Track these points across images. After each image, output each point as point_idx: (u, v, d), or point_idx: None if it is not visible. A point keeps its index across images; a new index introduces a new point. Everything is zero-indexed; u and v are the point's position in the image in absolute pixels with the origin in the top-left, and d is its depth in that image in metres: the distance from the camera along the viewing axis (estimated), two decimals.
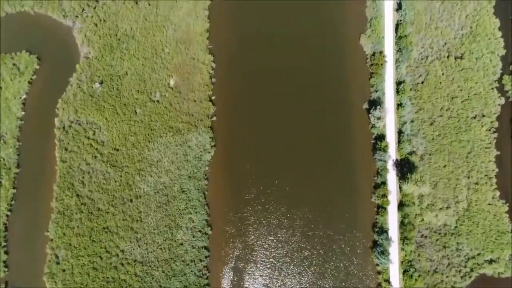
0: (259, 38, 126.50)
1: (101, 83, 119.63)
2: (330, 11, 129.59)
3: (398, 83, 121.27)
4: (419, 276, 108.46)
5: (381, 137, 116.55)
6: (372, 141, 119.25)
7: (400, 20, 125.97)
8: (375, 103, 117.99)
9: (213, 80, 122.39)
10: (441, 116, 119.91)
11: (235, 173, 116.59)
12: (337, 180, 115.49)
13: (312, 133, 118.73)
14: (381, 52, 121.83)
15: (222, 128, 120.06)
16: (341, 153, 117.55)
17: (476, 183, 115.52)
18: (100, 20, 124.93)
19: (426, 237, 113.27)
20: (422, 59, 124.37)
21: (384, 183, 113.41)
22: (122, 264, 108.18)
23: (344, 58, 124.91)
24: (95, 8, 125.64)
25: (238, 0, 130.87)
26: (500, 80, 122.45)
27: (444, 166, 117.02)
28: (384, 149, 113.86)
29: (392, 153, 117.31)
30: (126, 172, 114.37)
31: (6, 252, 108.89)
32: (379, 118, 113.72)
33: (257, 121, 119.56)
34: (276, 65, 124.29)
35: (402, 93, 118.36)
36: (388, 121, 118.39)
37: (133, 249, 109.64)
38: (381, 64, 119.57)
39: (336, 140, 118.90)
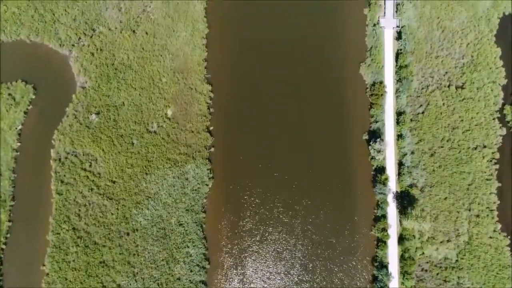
0: (258, 68, 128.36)
1: (97, 114, 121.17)
2: (330, 40, 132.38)
3: (398, 113, 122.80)
4: None
5: (381, 170, 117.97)
6: (372, 173, 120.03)
7: (400, 50, 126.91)
8: (375, 134, 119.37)
9: (211, 110, 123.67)
10: (442, 147, 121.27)
11: (233, 205, 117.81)
12: (336, 212, 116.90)
13: (312, 164, 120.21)
14: (381, 83, 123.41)
15: (220, 160, 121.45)
16: (340, 184, 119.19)
17: (477, 216, 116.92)
18: (97, 49, 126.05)
19: (426, 271, 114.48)
20: (422, 88, 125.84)
21: (384, 216, 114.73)
22: None
23: (343, 88, 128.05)
24: (91, 37, 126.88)
25: (236, 28, 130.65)
26: (501, 110, 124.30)
27: (445, 198, 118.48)
28: (384, 183, 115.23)
29: (392, 186, 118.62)
30: (123, 205, 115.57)
31: (1, 287, 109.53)
32: (379, 151, 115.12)
33: (255, 152, 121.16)
34: (275, 95, 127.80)
35: (402, 124, 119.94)
36: (388, 153, 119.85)
37: (130, 284, 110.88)
38: (381, 95, 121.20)
39: (336, 172, 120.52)
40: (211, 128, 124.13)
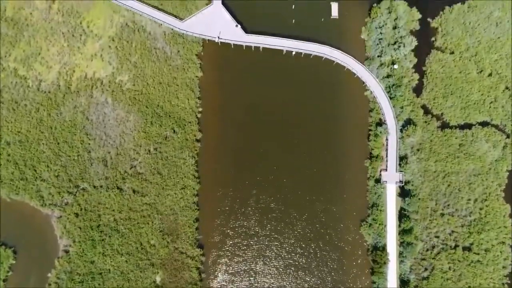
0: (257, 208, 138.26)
1: (81, 282, 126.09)
2: (330, 204, 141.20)
3: (402, 281, 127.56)
4: None
5: None
6: None
7: (404, 210, 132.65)
8: None
9: (203, 276, 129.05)
10: None
11: None
12: None
13: None
14: (383, 249, 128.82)
15: None
16: None
17: None
18: (81, 209, 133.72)
19: None
20: (427, 250, 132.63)
21: None
22: None
23: (344, 254, 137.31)
24: (75, 195, 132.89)
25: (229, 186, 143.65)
26: (511, 275, 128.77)
27: None
28: None
29: None
30: None
31: None
32: None
33: None
34: (270, 223, 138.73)
35: None
36: None
37: None
38: (384, 263, 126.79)
39: None
40: None
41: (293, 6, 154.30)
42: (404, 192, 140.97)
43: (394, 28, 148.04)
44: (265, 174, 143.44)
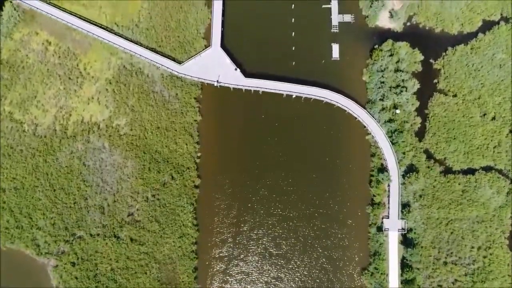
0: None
1: None
2: (333, 245, 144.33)
3: None
4: None
5: None
6: None
7: (406, 259, 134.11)
8: None
9: None
10: None
11: None
12: None
13: None
14: None
15: None
16: None
17: None
18: (78, 258, 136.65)
19: None
20: None
21: None
22: None
23: None
24: (72, 243, 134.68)
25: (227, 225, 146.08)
26: None
27: None
28: None
29: None
30: None
31: None
32: None
33: None
34: (270, 271, 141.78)
35: None
36: None
37: None
38: None
39: None
40: None
41: (293, 47, 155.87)
42: (406, 240, 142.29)
43: (396, 71, 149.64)
44: (265, 221, 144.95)
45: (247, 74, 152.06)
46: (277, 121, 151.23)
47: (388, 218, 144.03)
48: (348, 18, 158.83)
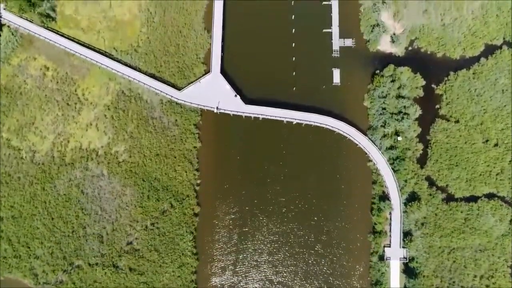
0: None
1: None
2: (334, 274, 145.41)
3: None
4: None
5: None
6: None
7: None
8: None
9: None
10: None
11: None
12: None
13: None
14: None
15: None
16: None
17: None
18: None
19: None
20: None
21: None
22: None
23: None
24: (70, 273, 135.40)
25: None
26: None
27: None
28: None
29: None
30: None
31: None
32: None
33: None
34: None
35: None
36: None
37: None
38: None
39: None
40: None
41: (294, 73, 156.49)
42: (408, 269, 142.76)
43: (398, 97, 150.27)
44: (265, 248, 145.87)
45: (247, 100, 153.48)
46: (277, 147, 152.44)
47: (389, 246, 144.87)
48: (349, 42, 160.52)
